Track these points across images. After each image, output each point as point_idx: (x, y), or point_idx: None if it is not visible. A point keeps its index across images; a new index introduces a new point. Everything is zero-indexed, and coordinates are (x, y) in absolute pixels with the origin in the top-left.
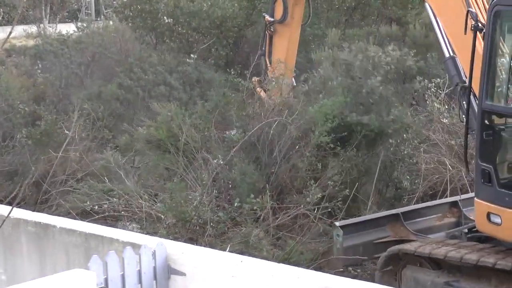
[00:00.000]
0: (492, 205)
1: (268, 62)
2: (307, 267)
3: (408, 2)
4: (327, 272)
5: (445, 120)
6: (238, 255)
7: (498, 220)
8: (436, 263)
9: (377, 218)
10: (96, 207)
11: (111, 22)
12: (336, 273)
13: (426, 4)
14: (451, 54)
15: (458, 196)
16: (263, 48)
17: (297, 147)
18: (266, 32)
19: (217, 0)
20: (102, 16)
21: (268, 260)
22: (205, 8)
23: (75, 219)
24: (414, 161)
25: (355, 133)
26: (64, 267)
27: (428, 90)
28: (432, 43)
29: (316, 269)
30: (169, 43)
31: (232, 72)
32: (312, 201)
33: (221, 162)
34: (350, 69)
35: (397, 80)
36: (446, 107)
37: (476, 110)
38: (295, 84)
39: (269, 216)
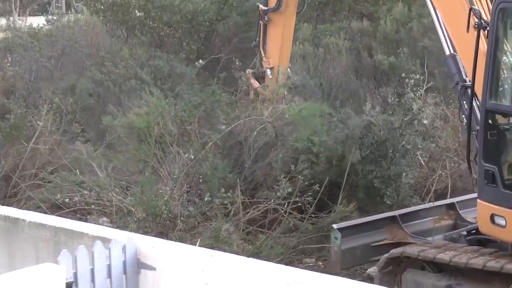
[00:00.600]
0: (496, 207)
1: (262, 53)
2: (277, 262)
3: None
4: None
5: (425, 121)
6: (208, 249)
7: (502, 222)
8: (437, 266)
9: (374, 220)
10: (67, 199)
11: (81, 16)
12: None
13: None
14: (452, 52)
15: (455, 198)
16: (257, 39)
17: (272, 149)
18: (260, 21)
19: None
20: (73, 10)
21: (239, 255)
22: (176, 2)
23: (45, 213)
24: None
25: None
26: (33, 261)
27: (408, 89)
28: (403, 38)
29: (286, 263)
30: (140, 37)
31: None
32: (282, 196)
33: (192, 157)
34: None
35: (368, 76)
36: (428, 109)
37: (478, 110)
38: (290, 75)
39: (240, 211)
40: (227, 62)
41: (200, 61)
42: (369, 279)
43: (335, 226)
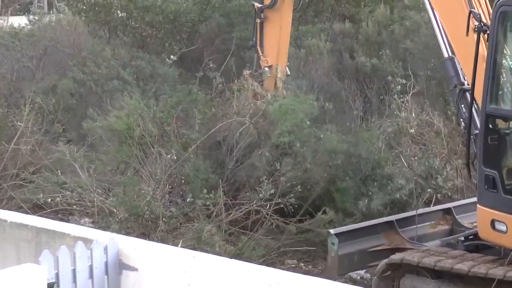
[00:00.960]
0: (497, 212)
1: (260, 52)
2: (259, 263)
3: (362, 0)
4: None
5: (411, 130)
6: (190, 250)
7: (503, 227)
8: (436, 272)
9: (371, 225)
10: (49, 200)
11: (63, 16)
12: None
13: (425, 0)
14: (450, 54)
15: (452, 203)
16: (254, 39)
17: (255, 150)
18: (256, 20)
19: None
20: (55, 10)
21: (221, 256)
22: (158, 3)
23: (26, 213)
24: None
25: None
26: (15, 262)
27: (395, 96)
28: (385, 40)
29: (268, 264)
30: (123, 38)
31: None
32: (265, 197)
33: (175, 158)
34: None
35: (350, 78)
36: (414, 115)
37: (476, 114)
38: (289, 73)
39: (222, 212)
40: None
41: (172, 56)
42: (360, 283)
43: (332, 231)
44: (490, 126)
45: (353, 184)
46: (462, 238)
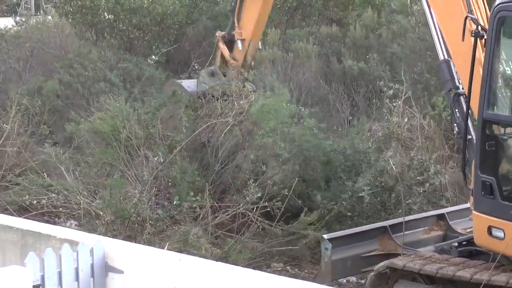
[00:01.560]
0: (494, 219)
1: (236, 22)
2: (246, 266)
3: (349, 4)
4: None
5: (403, 135)
6: (176, 253)
7: (501, 234)
8: (429, 278)
9: (365, 230)
10: (35, 202)
11: (50, 17)
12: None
13: (423, 1)
14: (446, 57)
15: (445, 209)
16: (233, 4)
17: (240, 151)
18: None
19: None
20: (42, 11)
21: (207, 259)
22: (145, 5)
23: (12, 215)
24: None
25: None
26: (0, 264)
27: (387, 100)
28: (372, 44)
29: (254, 268)
30: (110, 40)
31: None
32: (251, 200)
33: (161, 160)
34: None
35: (337, 81)
36: (406, 120)
37: (469, 119)
38: (260, 48)
39: (208, 215)
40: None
41: (153, 56)
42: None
43: (325, 236)
44: (487, 132)
45: (337, 181)
46: (456, 244)
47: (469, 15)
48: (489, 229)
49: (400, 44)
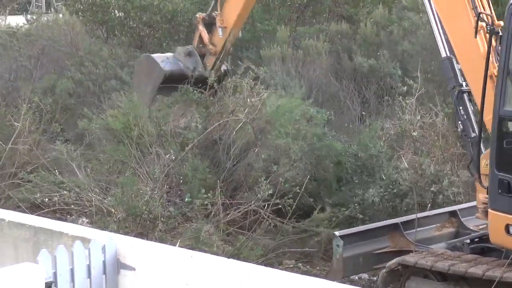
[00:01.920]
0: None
1: (219, 7)
2: (257, 263)
3: (360, 0)
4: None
5: (414, 133)
6: (188, 250)
7: None
8: (441, 275)
9: (377, 227)
10: (47, 199)
11: (61, 15)
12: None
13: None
14: (448, 54)
15: (457, 206)
16: None
17: (252, 149)
18: None
19: None
20: (53, 9)
21: (218, 256)
22: (156, 2)
23: (24, 212)
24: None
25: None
26: (13, 261)
27: (400, 97)
28: (383, 41)
29: (266, 265)
30: (120, 37)
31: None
32: (263, 198)
33: (173, 158)
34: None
35: (348, 78)
36: (419, 118)
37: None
38: (240, 35)
39: (220, 212)
40: None
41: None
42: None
43: (337, 233)
44: (504, 129)
45: (350, 179)
46: (468, 241)
47: (483, 12)
48: (507, 227)
49: (411, 41)
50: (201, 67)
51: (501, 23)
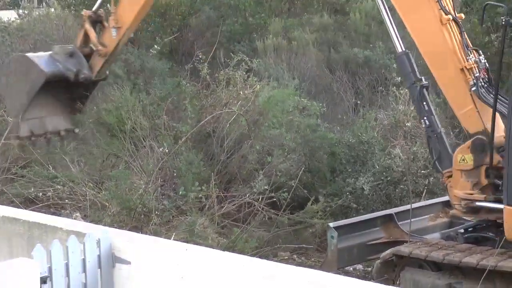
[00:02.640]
0: None
1: (113, 5)
2: (252, 255)
3: None
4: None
5: (408, 124)
6: (183, 243)
7: None
8: (436, 265)
9: (371, 218)
10: (41, 194)
11: (53, 9)
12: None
13: None
14: (404, 49)
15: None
16: None
17: (245, 141)
18: None
19: None
20: (44, 3)
21: (214, 249)
22: None
23: (18, 207)
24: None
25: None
26: (7, 256)
27: (394, 88)
28: (374, 32)
29: (261, 257)
30: None
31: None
32: (258, 191)
33: (166, 151)
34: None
35: (341, 69)
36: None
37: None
38: (132, 35)
39: (214, 205)
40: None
41: (155, 46)
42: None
43: (331, 224)
44: None
45: (344, 169)
46: (462, 231)
47: (489, 2)
48: None
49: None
50: (86, 69)
51: (462, 15)
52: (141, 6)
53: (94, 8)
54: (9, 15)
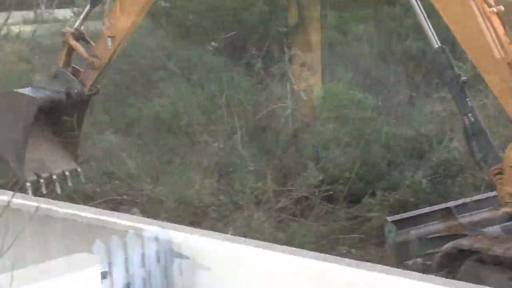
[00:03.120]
0: None
1: (106, 15)
2: (310, 249)
3: None
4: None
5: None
6: (241, 237)
7: None
8: (497, 259)
9: (429, 212)
10: (98, 189)
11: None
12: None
13: None
14: (440, 44)
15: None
16: None
17: (300, 135)
18: None
19: None
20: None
21: (271, 243)
22: None
23: (77, 203)
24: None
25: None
26: (68, 252)
27: None
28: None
29: (319, 251)
30: (166, 27)
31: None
32: (314, 184)
33: (221, 146)
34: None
35: (397, 62)
36: None
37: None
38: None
39: (271, 199)
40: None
41: (212, 43)
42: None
43: (389, 219)
44: None
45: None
46: None
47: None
48: None
49: None
50: (78, 86)
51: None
52: (139, 11)
53: (76, 25)
54: (65, 14)
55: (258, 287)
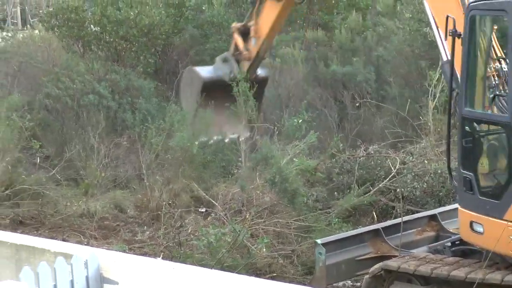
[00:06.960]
0: (474, 214)
1: (254, 17)
2: None
3: (334, 8)
4: None
5: None
6: (170, 262)
7: (480, 229)
8: (424, 279)
9: (358, 234)
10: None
11: (37, 31)
12: None
13: (424, 2)
14: (448, 57)
15: (437, 209)
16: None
17: None
18: None
19: (144, 8)
20: (29, 26)
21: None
22: (132, 16)
23: (4, 230)
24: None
25: None
26: None
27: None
28: (358, 47)
29: None
30: (97, 52)
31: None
32: None
33: None
34: None
35: (325, 85)
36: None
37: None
38: (274, 44)
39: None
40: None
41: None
42: None
43: (319, 241)
44: (466, 128)
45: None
46: (449, 244)
47: (448, 14)
48: (471, 224)
49: (385, 46)
50: (236, 71)
51: None
52: (274, 21)
53: (244, 22)
54: None
55: None
